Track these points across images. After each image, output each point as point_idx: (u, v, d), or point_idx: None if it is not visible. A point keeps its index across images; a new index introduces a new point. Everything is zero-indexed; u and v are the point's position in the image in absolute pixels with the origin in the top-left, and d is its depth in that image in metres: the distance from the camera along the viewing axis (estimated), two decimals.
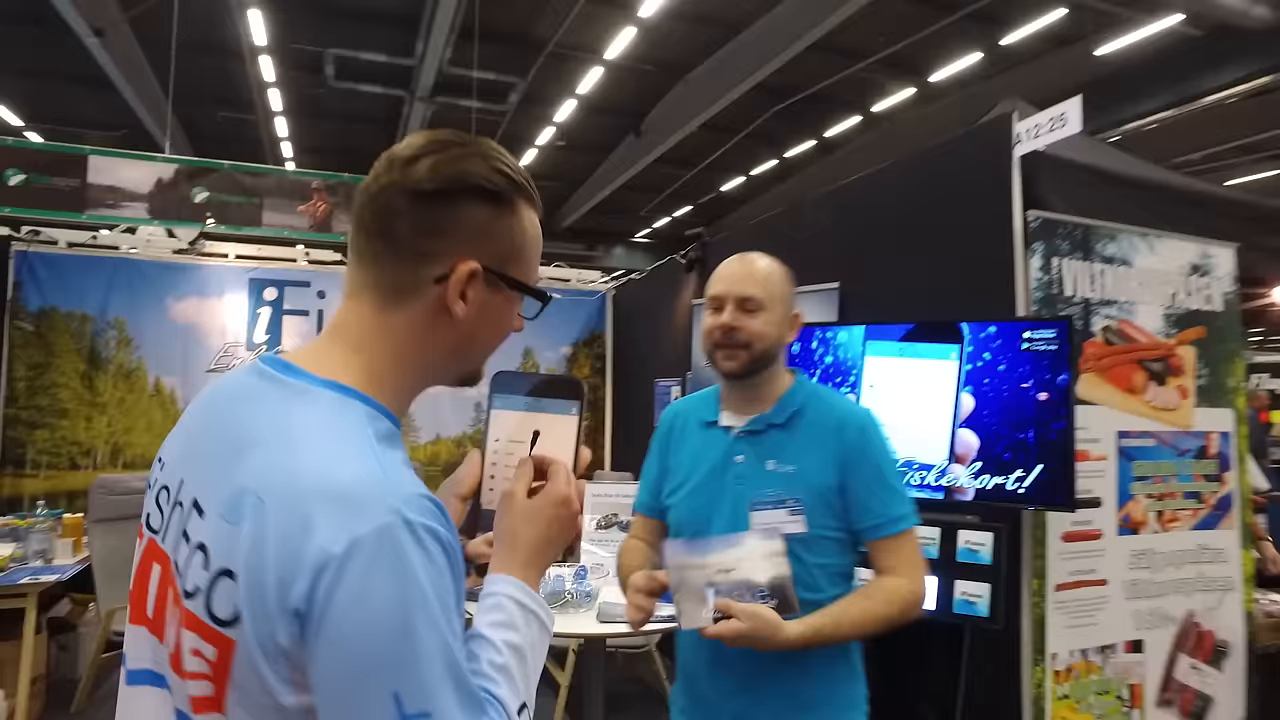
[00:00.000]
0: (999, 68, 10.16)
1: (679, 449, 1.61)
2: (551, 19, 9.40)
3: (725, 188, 15.37)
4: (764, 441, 1.49)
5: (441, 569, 0.66)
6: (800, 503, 1.45)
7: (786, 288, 1.54)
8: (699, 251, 4.28)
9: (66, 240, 4.71)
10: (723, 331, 1.48)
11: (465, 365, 0.82)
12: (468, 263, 0.76)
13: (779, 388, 1.53)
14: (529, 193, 0.82)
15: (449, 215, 0.76)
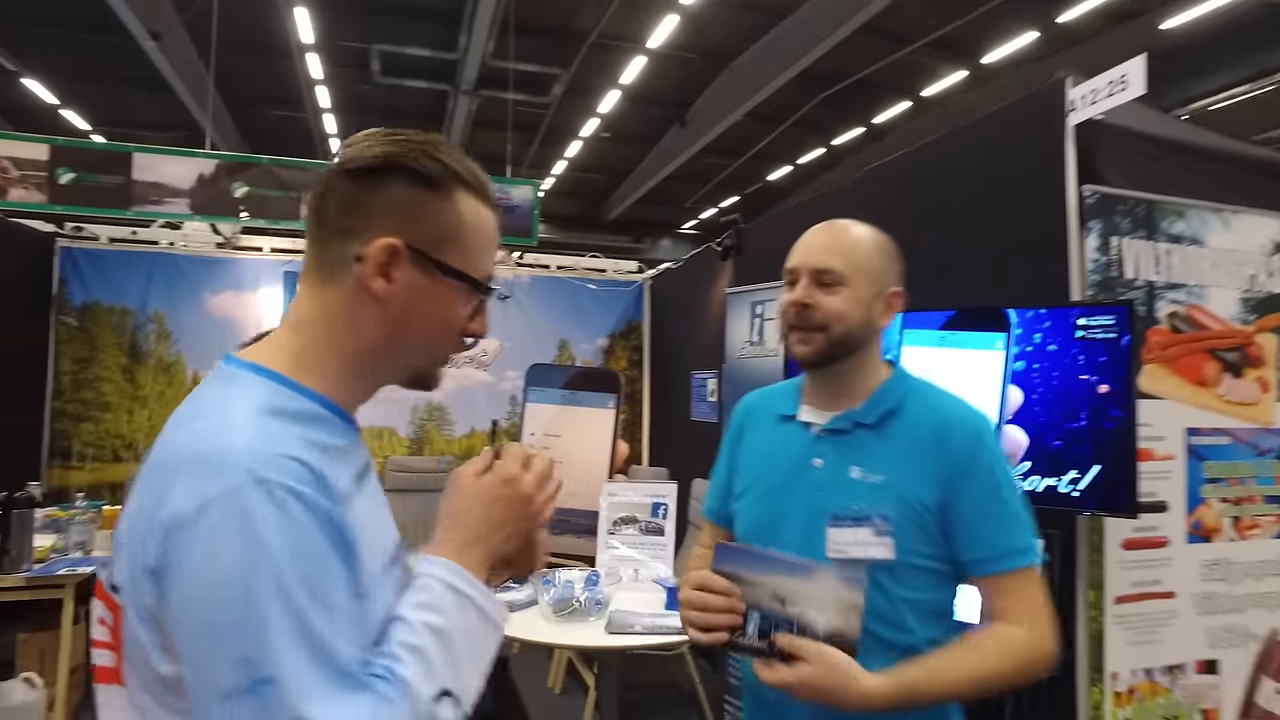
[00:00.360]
0: (1055, 47, 9.72)
1: (750, 444, 1.39)
2: (593, 9, 9.32)
3: (772, 177, 15.11)
4: (849, 443, 1.26)
5: (305, 529, 0.66)
6: (889, 521, 1.19)
7: (880, 259, 1.28)
8: (735, 239, 4.12)
9: (108, 236, 4.79)
10: (795, 310, 1.27)
11: (407, 357, 0.81)
12: (386, 239, 0.76)
13: (871, 381, 1.29)
14: (474, 186, 0.81)
15: (372, 193, 0.77)
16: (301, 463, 0.68)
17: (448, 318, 0.81)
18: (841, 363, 1.27)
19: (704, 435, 4.59)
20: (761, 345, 3.32)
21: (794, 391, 1.37)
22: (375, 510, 0.80)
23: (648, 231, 18.03)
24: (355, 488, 0.76)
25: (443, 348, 0.83)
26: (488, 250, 0.83)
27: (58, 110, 11.47)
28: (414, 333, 0.80)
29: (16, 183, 5.12)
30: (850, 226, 1.30)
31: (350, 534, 0.70)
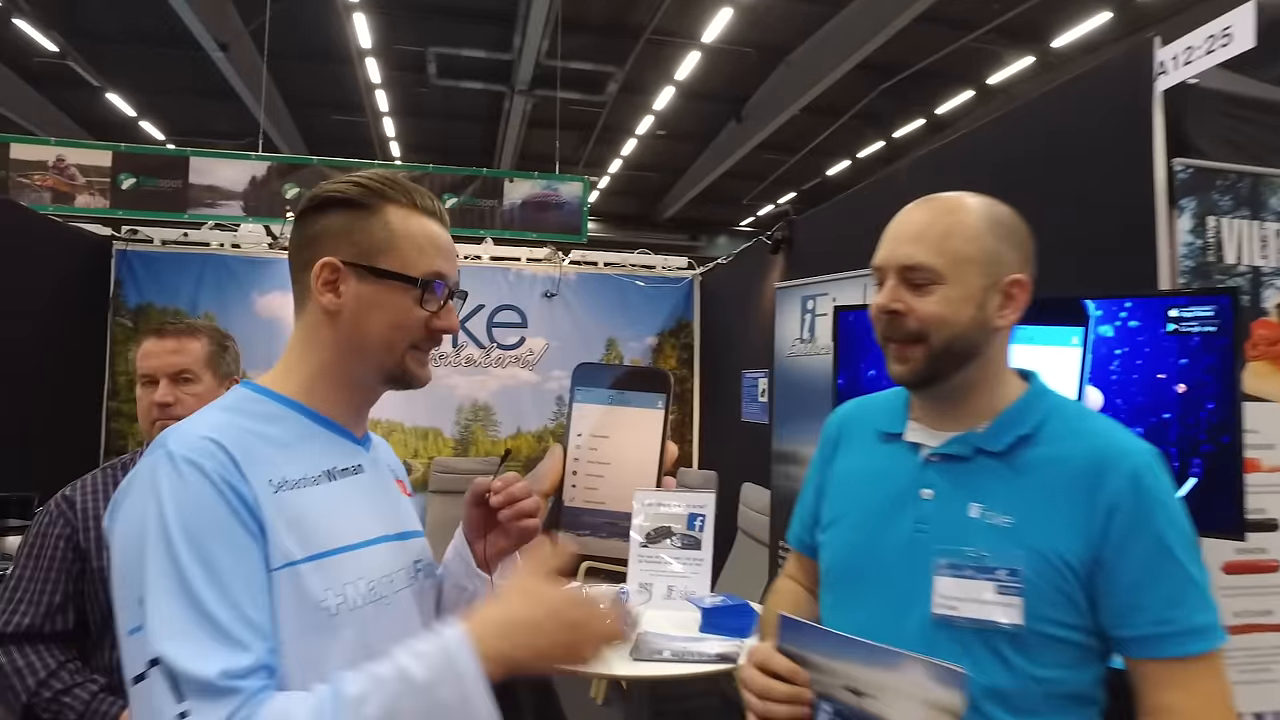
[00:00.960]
0: (1133, 27, 9.19)
1: (843, 465, 1.17)
2: (647, 5, 9.24)
3: (830, 172, 14.79)
4: (969, 473, 1.03)
5: (198, 493, 0.76)
6: (1018, 577, 0.95)
7: (992, 241, 1.02)
8: (786, 231, 3.93)
9: (160, 238, 4.88)
10: (884, 318, 1.04)
11: (372, 358, 0.91)
12: (327, 261, 0.89)
13: (998, 396, 1.05)
14: (395, 197, 0.92)
15: (312, 227, 0.92)
16: (215, 443, 0.79)
17: (397, 317, 0.90)
18: (951, 379, 1.04)
19: (755, 437, 4.42)
20: (813, 343, 3.13)
21: (899, 404, 1.14)
22: (344, 504, 0.88)
23: (704, 229, 17.89)
24: (320, 480, 0.86)
25: (404, 344, 0.91)
26: (424, 251, 0.91)
27: (136, 122, 11.97)
28: (370, 335, 0.90)
29: (83, 189, 5.28)
30: (951, 204, 1.04)
31: (260, 508, 0.79)
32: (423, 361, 0.94)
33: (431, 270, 0.91)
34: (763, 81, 11.14)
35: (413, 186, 0.93)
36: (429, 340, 0.93)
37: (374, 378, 0.93)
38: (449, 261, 0.94)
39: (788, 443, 3.30)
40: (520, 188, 5.85)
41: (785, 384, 3.34)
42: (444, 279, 0.92)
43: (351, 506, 0.89)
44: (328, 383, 0.91)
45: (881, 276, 1.06)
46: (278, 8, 8.27)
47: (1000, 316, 1.03)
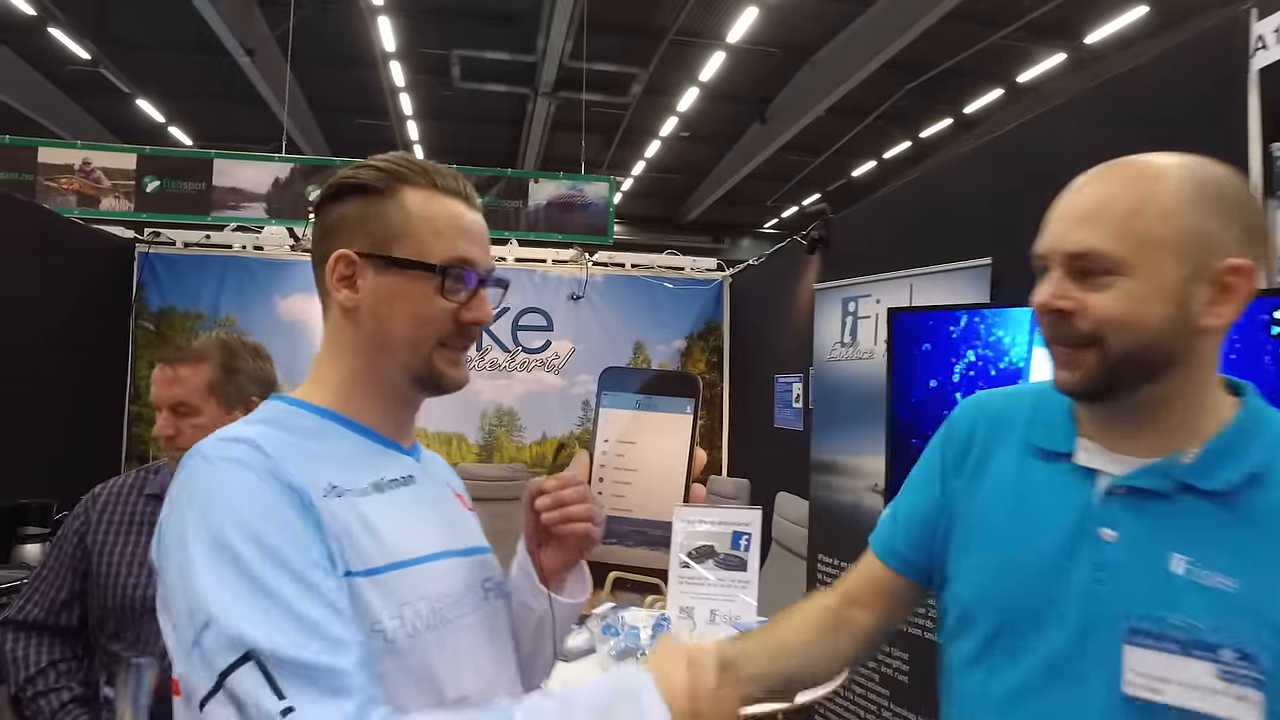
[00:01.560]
0: (1170, 20, 8.96)
1: (982, 477, 0.94)
2: (671, 5, 9.15)
3: (856, 173, 14.61)
4: (1170, 515, 0.80)
5: (242, 483, 0.69)
6: (1253, 661, 0.73)
7: (1197, 216, 0.79)
8: (822, 230, 3.79)
9: (183, 241, 4.85)
10: (1048, 318, 0.84)
11: (396, 358, 0.82)
12: (341, 253, 0.81)
13: (1207, 416, 0.83)
14: (413, 178, 0.82)
15: (327, 218, 0.84)
16: (251, 444, 0.71)
17: (419, 310, 0.81)
18: (1137, 392, 0.82)
19: (789, 444, 4.28)
20: (855, 346, 3.00)
21: (1060, 411, 0.91)
22: (398, 515, 0.79)
23: (727, 231, 17.77)
24: (366, 490, 0.77)
25: (431, 341, 0.82)
26: (443, 235, 0.82)
27: (165, 128, 12.09)
28: (393, 332, 0.81)
29: (108, 192, 5.27)
30: (1143, 170, 0.82)
31: (311, 501, 0.70)
32: (455, 361, 0.84)
33: (454, 255, 0.81)
34: (787, 82, 11.02)
35: (434, 166, 0.84)
36: (459, 336, 0.83)
37: (403, 381, 0.83)
38: (476, 245, 0.83)
39: (827, 451, 3.16)
40: (545, 189, 5.76)
41: (824, 389, 3.21)
42: (470, 265, 0.82)
43: (407, 519, 0.80)
44: (361, 389, 0.83)
45: (1044, 266, 0.85)
46: (303, 13, 8.29)
47: (1211, 314, 0.79)
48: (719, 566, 1.68)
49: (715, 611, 1.68)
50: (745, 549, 1.68)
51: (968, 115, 11.97)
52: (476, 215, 0.86)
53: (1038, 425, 0.92)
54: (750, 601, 1.65)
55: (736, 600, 1.66)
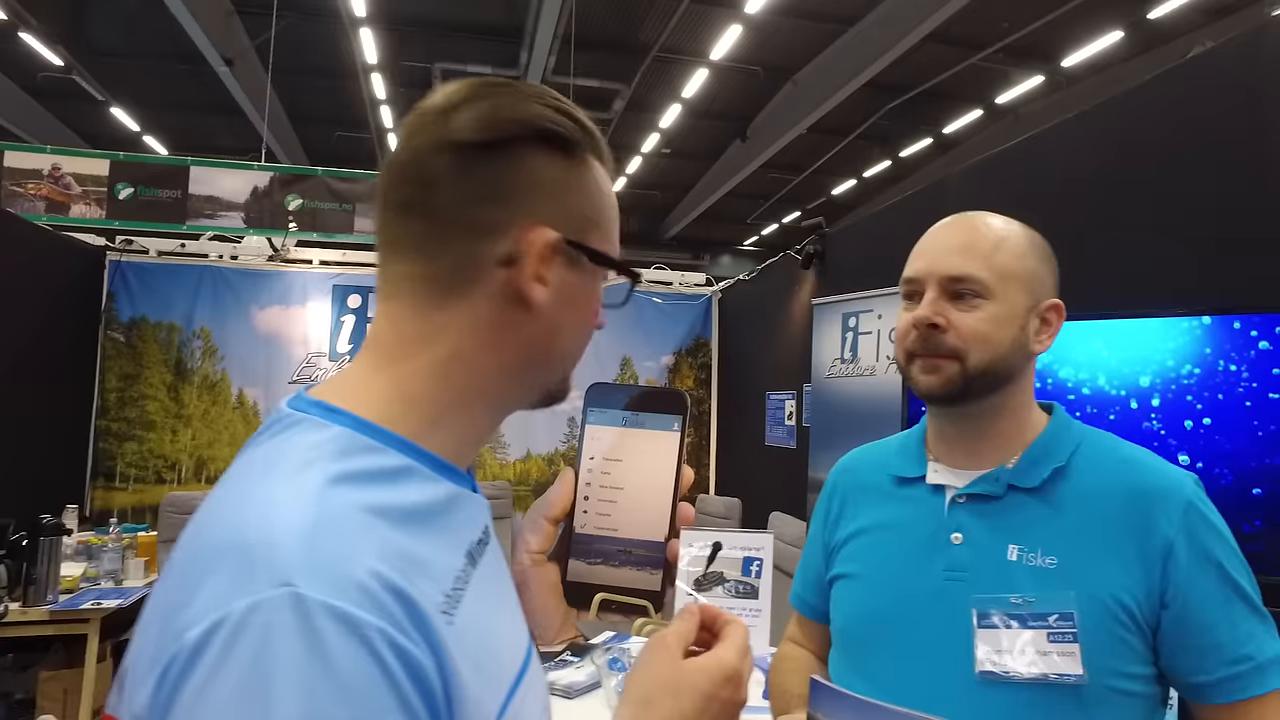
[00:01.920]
0: (1144, 46, 9.14)
1: (854, 520, 1.07)
2: (655, 22, 9.17)
3: (836, 191, 14.71)
4: (1003, 513, 0.95)
5: (348, 684, 0.41)
6: (1071, 622, 0.87)
7: (1034, 262, 0.98)
8: (817, 245, 3.74)
9: (156, 249, 4.70)
10: (920, 332, 0.97)
11: (550, 374, 0.64)
12: (543, 232, 0.58)
13: (1025, 428, 1.00)
14: (599, 144, 0.64)
15: (508, 172, 0.58)
16: (384, 583, 0.45)
17: (592, 314, 0.64)
18: (982, 401, 0.97)
19: (780, 462, 4.21)
20: (855, 363, 2.93)
21: (913, 446, 1.06)
22: (497, 602, 0.59)
23: (707, 248, 17.81)
24: (467, 571, 0.54)
25: (581, 352, 0.66)
26: (616, 222, 0.66)
27: (140, 137, 11.88)
28: (564, 342, 0.62)
29: (79, 199, 5.11)
30: (992, 220, 1.00)
31: (453, 680, 0.47)
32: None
33: (618, 252, 0.66)
34: (769, 100, 11.10)
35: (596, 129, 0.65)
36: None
37: (531, 399, 0.65)
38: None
39: (825, 470, 3.08)
40: None
41: (822, 407, 3.14)
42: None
43: (505, 603, 0.61)
44: (469, 412, 0.60)
45: (918, 289, 0.99)
46: (283, 23, 8.18)
47: (1037, 342, 0.98)
48: (729, 594, 1.59)
49: None
50: (757, 575, 1.59)
51: (947, 135, 12.12)
52: None
53: (894, 460, 1.07)
54: (763, 632, 1.56)
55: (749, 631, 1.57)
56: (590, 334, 0.64)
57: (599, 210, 0.62)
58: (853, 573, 1.04)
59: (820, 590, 1.11)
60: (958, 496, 0.98)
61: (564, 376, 0.65)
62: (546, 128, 0.58)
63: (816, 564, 1.13)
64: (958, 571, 0.94)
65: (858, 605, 1.03)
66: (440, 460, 0.57)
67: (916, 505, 1.01)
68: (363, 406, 0.55)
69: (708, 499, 4.20)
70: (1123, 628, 0.87)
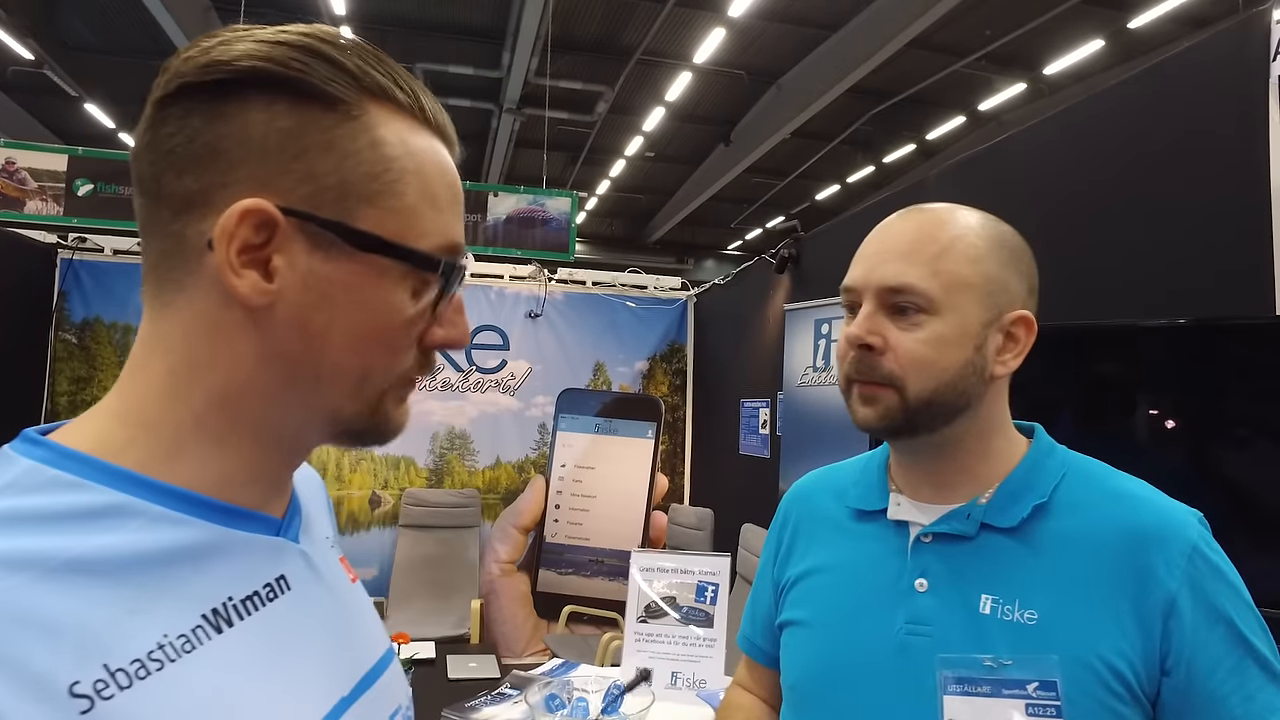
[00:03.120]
0: (1125, 55, 9.22)
1: (807, 554, 0.94)
2: (639, 25, 9.13)
3: (820, 196, 14.74)
4: (974, 556, 0.82)
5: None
6: (1055, 693, 0.73)
7: (994, 266, 0.82)
8: (792, 249, 3.66)
9: (113, 248, 4.55)
10: (853, 355, 0.83)
11: (325, 399, 0.49)
12: (244, 202, 0.44)
13: (1002, 458, 0.85)
14: (395, 97, 0.49)
15: (217, 128, 0.45)
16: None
17: (382, 321, 0.49)
18: (932, 435, 0.83)
19: (755, 472, 4.12)
20: (828, 371, 2.84)
21: (875, 473, 0.92)
22: (263, 672, 0.46)
23: (691, 252, 17.79)
24: (197, 634, 0.43)
25: (389, 372, 0.50)
26: (438, 202, 0.50)
27: (115, 134, 11.66)
28: (329, 354, 0.48)
29: (34, 194, 4.94)
30: (947, 216, 0.84)
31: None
32: (404, 398, 0.53)
33: (448, 239, 0.51)
34: (753, 104, 11.07)
35: (419, 85, 0.52)
36: (424, 364, 0.53)
37: (317, 431, 0.51)
38: (462, 223, 0.54)
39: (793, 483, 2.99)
40: (505, 202, 5.56)
41: (794, 416, 3.05)
42: (461, 255, 0.52)
43: (268, 677, 0.47)
44: (222, 439, 0.48)
45: (853, 300, 0.85)
46: (261, 21, 8.06)
47: (1000, 362, 0.83)
48: (681, 622, 1.48)
49: (677, 674, 1.47)
50: (711, 602, 1.48)
51: (930, 141, 12.17)
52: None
53: (852, 490, 0.93)
54: (717, 663, 1.45)
55: (701, 662, 1.46)
56: (391, 345, 0.49)
57: (376, 178, 0.47)
58: (803, 619, 0.91)
59: (770, 634, 0.99)
60: (923, 535, 0.84)
61: (364, 405, 0.50)
62: (266, 70, 0.45)
63: (766, 604, 1.00)
64: (921, 625, 0.81)
65: (809, 659, 0.89)
66: (189, 495, 0.46)
67: (876, 543, 0.88)
68: (81, 434, 0.46)
69: (679, 509, 4.10)
70: (1115, 698, 0.73)
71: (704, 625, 1.47)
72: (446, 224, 0.51)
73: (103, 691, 0.38)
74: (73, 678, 0.37)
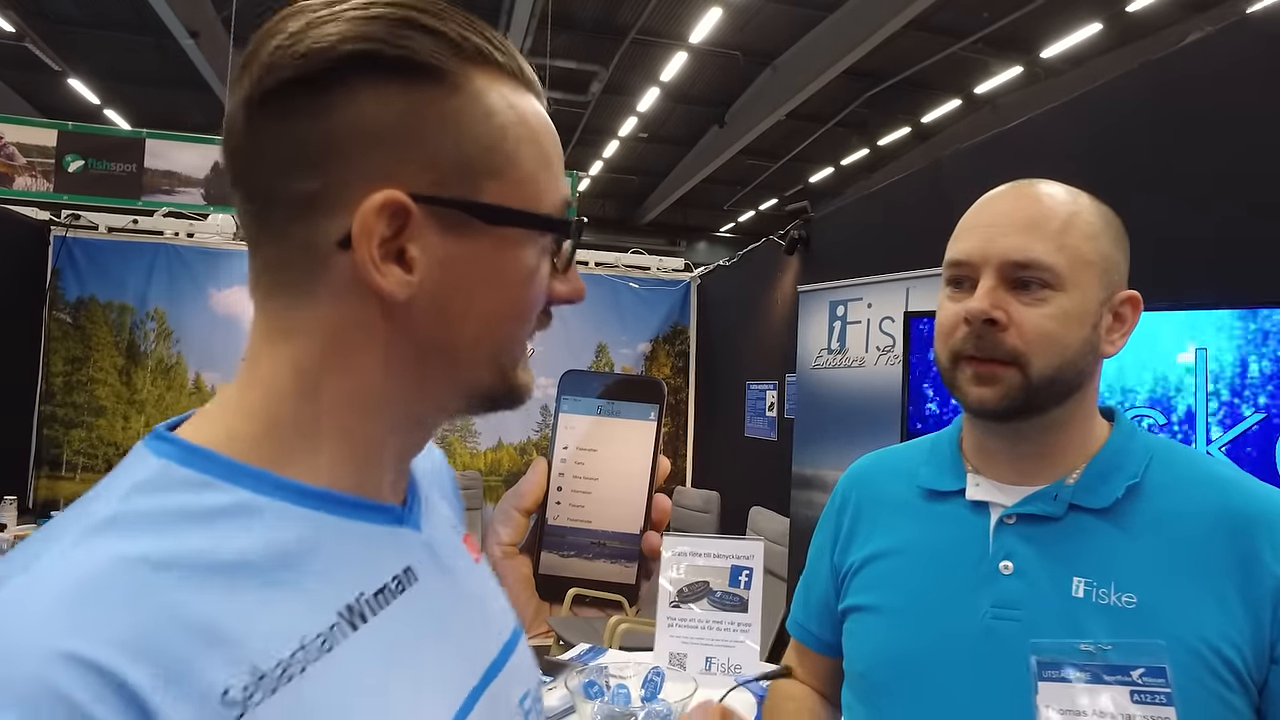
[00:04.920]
0: (1123, 39, 9.19)
1: (873, 536, 0.91)
2: (634, 4, 9.00)
3: (814, 179, 14.68)
4: (1063, 538, 0.78)
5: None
6: (1164, 679, 0.69)
7: (1108, 244, 0.80)
8: (802, 230, 3.63)
9: (107, 225, 4.47)
10: (974, 330, 0.79)
11: (466, 375, 0.48)
12: (378, 195, 0.42)
13: (1089, 439, 0.83)
14: (497, 61, 0.46)
15: (327, 123, 0.42)
16: (78, 664, 0.32)
17: (515, 291, 0.47)
18: (1045, 414, 0.80)
19: (761, 454, 4.11)
20: (844, 353, 2.83)
21: (946, 452, 0.89)
22: (397, 668, 0.44)
23: (684, 234, 17.72)
24: (335, 633, 0.41)
25: (519, 341, 0.50)
26: (550, 164, 0.48)
27: (101, 110, 11.47)
28: (466, 334, 0.47)
29: (23, 170, 4.85)
30: (1060, 191, 0.82)
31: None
32: (526, 362, 0.52)
33: (564, 198, 0.49)
34: (748, 86, 10.99)
35: (490, 29, 0.48)
36: (542, 323, 0.52)
37: (458, 404, 0.50)
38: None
39: (810, 465, 2.98)
40: None
41: (808, 398, 3.03)
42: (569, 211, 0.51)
43: (403, 674, 0.45)
44: (353, 430, 0.46)
45: (969, 274, 0.80)
46: None
47: (1109, 342, 0.81)
48: (715, 606, 1.46)
49: (711, 659, 1.46)
50: (746, 586, 1.46)
51: (925, 124, 12.11)
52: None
53: (922, 469, 0.90)
54: (753, 647, 1.44)
55: (736, 646, 1.45)
56: (527, 313, 0.49)
57: (495, 150, 0.45)
58: (873, 605, 0.88)
59: (826, 620, 0.96)
60: (1006, 517, 0.81)
61: (499, 374, 0.49)
62: (366, 51, 0.42)
63: (822, 589, 0.97)
64: (1009, 609, 0.77)
65: (882, 646, 0.86)
66: (314, 491, 0.44)
67: (952, 525, 0.84)
68: (207, 431, 0.44)
69: (685, 491, 4.09)
70: (1224, 685, 0.70)
71: (738, 610, 1.46)
72: (558, 183, 0.49)
73: (251, 698, 0.36)
74: (225, 683, 0.36)
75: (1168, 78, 2.03)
